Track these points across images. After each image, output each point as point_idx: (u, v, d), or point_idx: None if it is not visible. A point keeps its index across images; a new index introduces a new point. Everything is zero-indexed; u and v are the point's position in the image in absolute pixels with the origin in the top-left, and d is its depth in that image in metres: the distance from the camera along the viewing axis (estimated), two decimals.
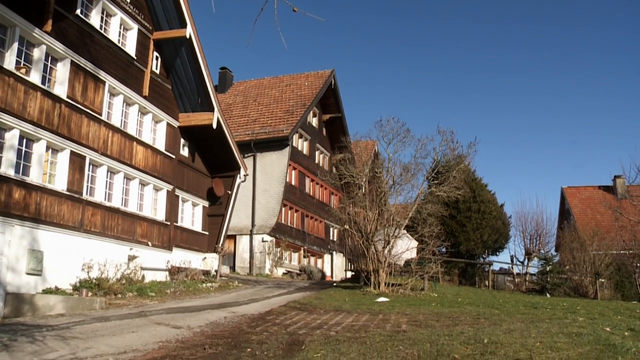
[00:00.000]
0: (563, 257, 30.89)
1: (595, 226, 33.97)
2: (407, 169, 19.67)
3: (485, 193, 33.10)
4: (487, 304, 15.03)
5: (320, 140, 38.85)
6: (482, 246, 32.04)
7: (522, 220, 34.70)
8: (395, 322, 10.56)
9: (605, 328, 8.61)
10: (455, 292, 20.70)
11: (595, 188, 45.84)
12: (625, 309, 14.05)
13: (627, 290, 27.78)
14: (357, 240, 19.43)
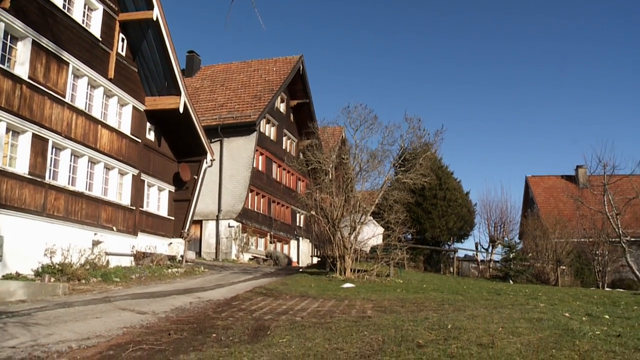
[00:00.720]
0: (526, 244, 31.44)
1: (557, 215, 34.67)
2: (374, 156, 19.74)
3: (451, 181, 33.40)
4: (451, 290, 15.22)
5: (288, 126, 38.76)
6: (447, 233, 32.38)
7: (487, 208, 35.25)
8: (361, 308, 10.64)
9: (564, 313, 8.81)
10: (420, 278, 20.91)
11: (558, 177, 46.63)
12: (584, 295, 14.37)
13: (587, 277, 28.46)
14: (324, 227, 19.48)
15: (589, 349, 6.16)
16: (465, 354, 5.97)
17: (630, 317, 8.66)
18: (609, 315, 8.81)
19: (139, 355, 6.49)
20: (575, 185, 42.72)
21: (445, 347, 6.32)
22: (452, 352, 6.06)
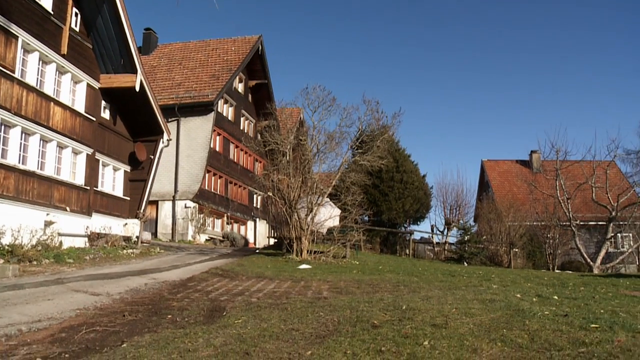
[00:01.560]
0: (481, 227, 32.09)
1: (511, 198, 35.40)
2: (332, 138, 19.78)
3: (408, 163, 33.76)
4: (407, 271, 15.42)
5: (246, 106, 38.48)
6: (403, 215, 32.77)
7: (443, 191, 35.78)
8: (317, 289, 10.71)
9: (516, 295, 9.03)
10: (376, 260, 21.12)
11: (513, 162, 47.52)
12: (535, 276, 14.72)
13: (538, 259, 29.23)
14: (281, 208, 19.48)
15: (538, 328, 6.34)
16: (419, 334, 6.08)
17: (577, 298, 8.93)
18: (558, 296, 9.06)
19: (92, 337, 6.42)
20: (529, 170, 43.62)
21: (399, 327, 6.42)
22: (407, 333, 6.16)
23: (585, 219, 33.56)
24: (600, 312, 7.28)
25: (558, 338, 5.94)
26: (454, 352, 5.40)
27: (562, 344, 5.73)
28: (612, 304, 8.10)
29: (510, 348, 5.63)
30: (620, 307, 7.81)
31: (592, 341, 5.77)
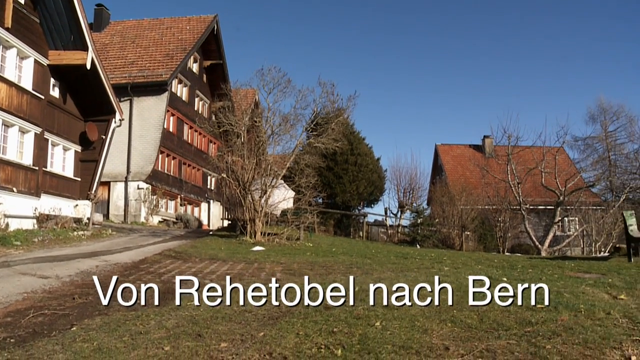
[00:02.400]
0: (434, 210, 32.58)
1: (464, 182, 36.03)
2: (287, 119, 19.75)
3: (363, 146, 33.93)
4: (360, 254, 15.54)
5: (201, 86, 38.00)
6: (357, 198, 32.98)
7: (397, 174, 36.16)
8: (270, 271, 10.75)
9: (466, 276, 9.23)
10: (330, 242, 21.25)
11: (466, 146, 48.21)
12: (485, 259, 14.98)
13: (489, 242, 29.88)
14: (235, 189, 19.42)
15: (487, 309, 6.51)
16: (371, 316, 6.18)
17: (525, 280, 9.17)
18: (507, 278, 9.28)
19: (40, 321, 6.32)
20: (482, 155, 44.33)
21: (352, 309, 6.51)
22: (359, 314, 6.26)
23: (535, 203, 34.41)
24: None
25: (506, 318, 6.12)
26: (405, 333, 5.51)
27: (510, 323, 5.92)
28: (557, 285, 8.36)
29: (459, 328, 5.77)
30: (565, 288, 8.07)
31: (537, 321, 5.96)
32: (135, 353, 5.06)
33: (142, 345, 5.28)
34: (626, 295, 7.65)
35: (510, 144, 29.49)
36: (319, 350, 4.97)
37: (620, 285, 8.47)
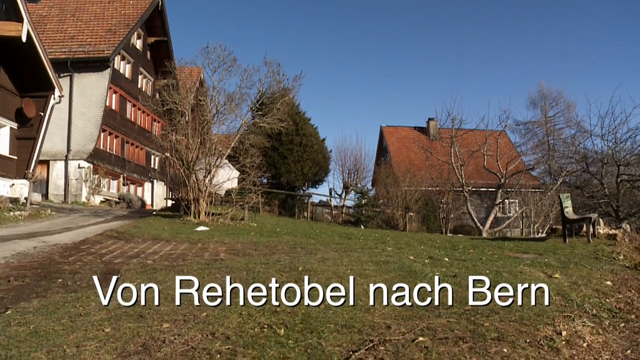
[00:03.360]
0: (378, 191, 32.95)
1: (408, 164, 36.51)
2: (232, 99, 19.53)
3: (308, 127, 33.93)
4: (304, 234, 15.61)
5: (144, 64, 37.18)
6: (302, 178, 33.03)
7: (342, 155, 36.36)
8: (214, 251, 10.70)
9: (409, 257, 9.40)
10: (274, 222, 21.27)
11: (411, 129, 48.73)
12: (428, 240, 15.25)
13: (432, 223, 30.42)
14: (178, 169, 19.18)
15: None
16: (314, 295, 6.26)
17: (466, 260, 9.42)
18: (449, 258, 9.51)
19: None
20: (426, 137, 44.95)
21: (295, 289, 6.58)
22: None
23: (477, 185, 35.17)
24: (486, 273, 7.72)
25: (446, 297, 6.29)
26: (348, 312, 5.60)
27: (451, 302, 6.09)
28: (497, 265, 8.61)
29: (402, 307, 5.90)
30: (504, 267, 8.32)
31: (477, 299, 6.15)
32: (74, 335, 4.99)
33: (81, 327, 5.20)
34: (560, 274, 7.95)
35: (454, 126, 30.00)
36: (261, 330, 5.01)
37: (556, 264, 8.79)
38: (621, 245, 12.08)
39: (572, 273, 8.18)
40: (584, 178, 28.79)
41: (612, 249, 11.57)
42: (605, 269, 8.93)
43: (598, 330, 5.45)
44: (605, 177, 25.67)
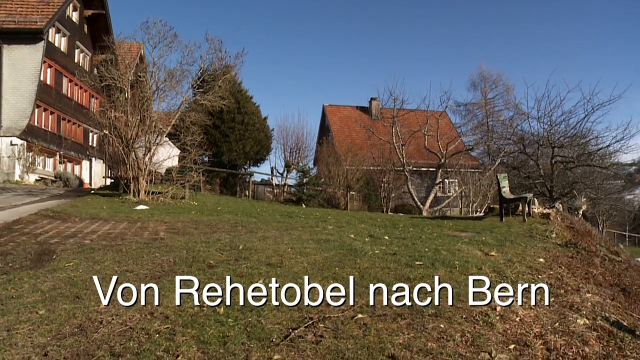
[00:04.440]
0: (320, 170, 33.05)
1: (350, 143, 36.70)
2: (172, 75, 19.20)
3: (250, 105, 33.64)
4: (245, 212, 15.57)
5: (81, 37, 35.96)
6: (244, 157, 32.82)
7: (284, 133, 36.27)
8: (154, 230, 10.55)
9: (350, 235, 9.50)
10: (215, 201, 21.11)
11: (353, 108, 48.79)
12: (369, 218, 15.43)
13: (373, 202, 30.78)
14: (117, 147, 18.75)
15: (368, 266, 6.77)
16: (255, 274, 6.26)
17: (405, 238, 9.57)
18: (389, 236, 9.64)
19: None
20: (368, 117, 45.13)
21: (235, 267, 6.56)
22: (242, 272, 6.31)
23: (418, 165, 35.70)
24: (425, 251, 7.88)
25: (386, 275, 6.39)
26: (288, 290, 5.62)
27: (390, 280, 6.18)
28: (435, 243, 8.79)
29: (341, 284, 5.97)
30: (443, 245, 8.51)
31: (415, 277, 6.27)
32: (5, 319, 4.84)
33: (13, 310, 5.06)
34: (497, 252, 8.19)
35: (395, 106, 30.28)
36: (201, 309, 4.98)
37: (492, 243, 9.05)
38: (554, 224, 12.53)
39: (508, 251, 8.44)
40: (520, 159, 29.66)
41: (546, 227, 11.98)
42: (539, 247, 9.25)
43: (530, 304, 5.64)
44: (541, 158, 26.52)
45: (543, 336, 4.92)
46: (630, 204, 56.68)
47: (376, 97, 43.70)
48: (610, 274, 8.76)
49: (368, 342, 4.40)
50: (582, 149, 26.59)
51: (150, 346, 4.21)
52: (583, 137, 26.38)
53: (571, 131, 26.10)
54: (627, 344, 5.23)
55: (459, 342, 4.53)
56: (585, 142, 26.64)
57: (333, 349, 4.26)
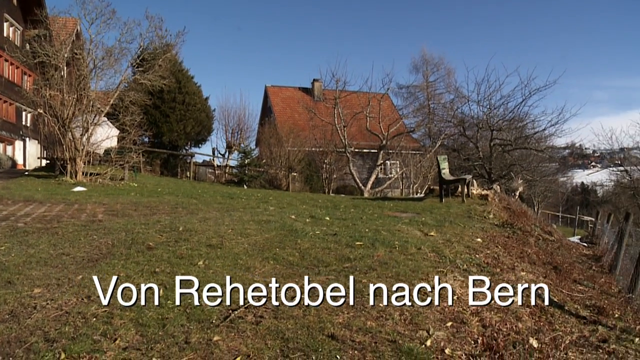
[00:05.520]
0: (262, 151, 32.90)
1: (292, 124, 36.57)
2: (111, 53, 18.67)
3: (191, 85, 33.08)
4: (186, 194, 15.39)
5: (10, 10, 34.41)
6: (185, 138, 32.33)
7: (226, 114, 35.75)
8: (91, 212, 10.31)
9: (291, 216, 9.52)
10: (156, 182, 20.79)
11: (296, 89, 48.54)
12: (310, 199, 15.50)
13: (315, 183, 30.87)
14: (53, 127, 18.16)
15: (308, 246, 6.81)
16: (195, 255, 6.21)
17: (346, 219, 9.67)
18: (330, 217, 9.72)
19: None
20: (311, 98, 44.98)
21: (175, 248, 6.50)
22: (182, 253, 6.26)
23: (360, 146, 35.93)
24: (365, 231, 7.98)
25: (326, 255, 6.44)
26: (228, 271, 5.61)
27: (330, 260, 6.24)
28: (376, 224, 8.91)
29: (281, 265, 5.99)
30: (383, 226, 8.63)
31: (356, 257, 6.35)
32: None
33: None
34: (436, 232, 8.36)
35: (338, 88, 30.37)
36: (140, 291, 4.91)
37: (432, 223, 9.23)
38: (491, 205, 12.88)
39: (447, 231, 8.62)
40: (460, 141, 30.30)
41: (484, 208, 12.31)
42: (477, 227, 9.49)
43: (467, 283, 5.79)
44: (480, 141, 27.15)
45: (479, 313, 5.06)
46: (564, 186, 58.79)
47: (319, 78, 43.60)
48: (543, 252, 9.08)
49: (308, 322, 4.44)
50: (519, 133, 27.35)
51: (86, 330, 4.12)
52: (520, 120, 27.14)
53: (509, 115, 26.81)
54: (556, 319, 5.45)
55: (397, 321, 4.61)
56: (523, 126, 27.42)
57: (273, 329, 4.28)
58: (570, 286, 7.25)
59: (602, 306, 6.20)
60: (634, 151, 35.78)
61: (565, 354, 4.63)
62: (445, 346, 4.32)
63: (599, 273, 9.43)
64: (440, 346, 4.31)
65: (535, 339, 4.75)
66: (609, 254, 11.61)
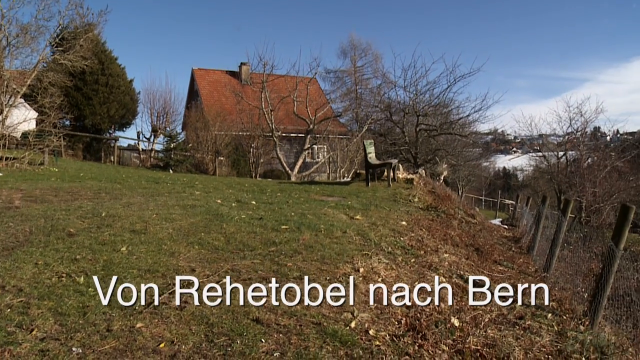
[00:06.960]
0: (188, 135, 32.36)
1: (219, 108, 36.10)
2: (26, 30, 17.82)
3: (115, 67, 32.11)
4: (110, 179, 14.97)
5: None
6: (108, 121, 31.42)
7: (151, 97, 34.98)
8: (8, 198, 9.87)
9: (217, 200, 9.43)
10: (78, 167, 20.14)
11: (223, 72, 47.88)
12: (237, 183, 15.38)
13: (242, 167, 30.67)
14: None
15: (234, 230, 6.76)
16: (118, 241, 6.06)
17: (273, 203, 9.65)
18: (256, 202, 9.68)
19: None
20: (238, 81, 44.50)
21: (97, 234, 6.32)
22: (104, 240, 6.09)
23: (287, 130, 35.83)
24: (291, 215, 7.99)
25: (252, 239, 6.41)
26: (152, 257, 5.51)
27: (255, 244, 6.22)
28: (302, 208, 8.93)
29: (207, 250, 5.92)
30: (309, 210, 8.66)
31: (281, 240, 6.36)
32: None
33: None
34: (361, 215, 8.46)
35: (265, 71, 30.14)
36: (59, 279, 4.76)
37: (358, 207, 9.33)
38: (417, 189, 13.13)
39: (372, 214, 8.74)
40: (387, 126, 30.65)
41: (409, 192, 12.53)
42: (402, 211, 9.66)
43: (392, 265, 5.90)
44: (407, 126, 27.55)
45: (403, 295, 5.16)
46: (487, 170, 60.61)
47: (246, 62, 43.17)
48: (466, 235, 9.35)
49: (233, 307, 4.41)
50: (444, 118, 27.91)
51: (0, 322, 3.94)
52: (445, 106, 27.67)
53: (435, 101, 27.28)
54: (477, 298, 5.62)
55: (322, 304, 4.64)
56: (448, 112, 27.98)
57: (197, 315, 4.24)
58: (491, 267, 7.50)
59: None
60: (551, 137, 37.14)
61: (485, 331, 4.78)
62: (370, 327, 4.39)
63: (518, 254, 9.79)
64: (364, 327, 4.37)
65: (456, 318, 4.89)
66: (527, 235, 12.07)
